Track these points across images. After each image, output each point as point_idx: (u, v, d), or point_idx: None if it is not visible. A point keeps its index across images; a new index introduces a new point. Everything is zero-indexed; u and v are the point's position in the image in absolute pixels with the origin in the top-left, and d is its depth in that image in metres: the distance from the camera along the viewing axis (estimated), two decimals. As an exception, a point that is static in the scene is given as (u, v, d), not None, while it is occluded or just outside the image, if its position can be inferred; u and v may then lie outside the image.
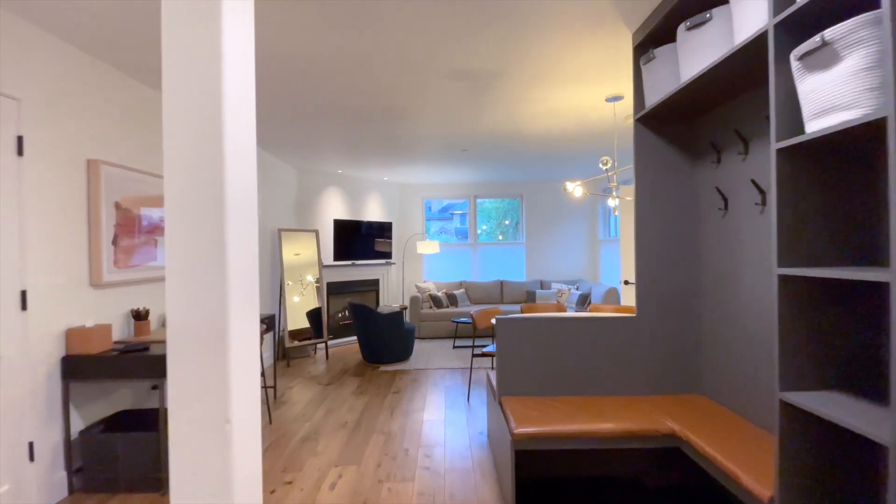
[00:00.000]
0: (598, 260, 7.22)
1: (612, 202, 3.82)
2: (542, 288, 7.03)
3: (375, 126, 4.04)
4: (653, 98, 2.31)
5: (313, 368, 4.89)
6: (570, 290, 6.69)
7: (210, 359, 1.19)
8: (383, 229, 6.88)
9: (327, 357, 5.36)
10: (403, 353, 4.94)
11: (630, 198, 4.36)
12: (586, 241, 7.42)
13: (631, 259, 5.22)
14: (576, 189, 3.63)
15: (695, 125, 2.44)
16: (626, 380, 2.48)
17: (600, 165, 3.03)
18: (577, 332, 2.49)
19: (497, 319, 2.47)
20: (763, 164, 1.97)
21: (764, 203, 1.97)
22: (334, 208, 6.39)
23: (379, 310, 4.92)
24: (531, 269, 7.41)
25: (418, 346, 5.91)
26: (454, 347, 5.71)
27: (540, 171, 6.53)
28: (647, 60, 2.28)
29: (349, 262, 6.42)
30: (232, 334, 1.21)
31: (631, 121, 3.90)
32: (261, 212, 5.01)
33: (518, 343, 2.49)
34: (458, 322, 5.65)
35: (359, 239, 6.50)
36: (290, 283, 5.45)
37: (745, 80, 1.87)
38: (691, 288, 2.45)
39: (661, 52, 2.22)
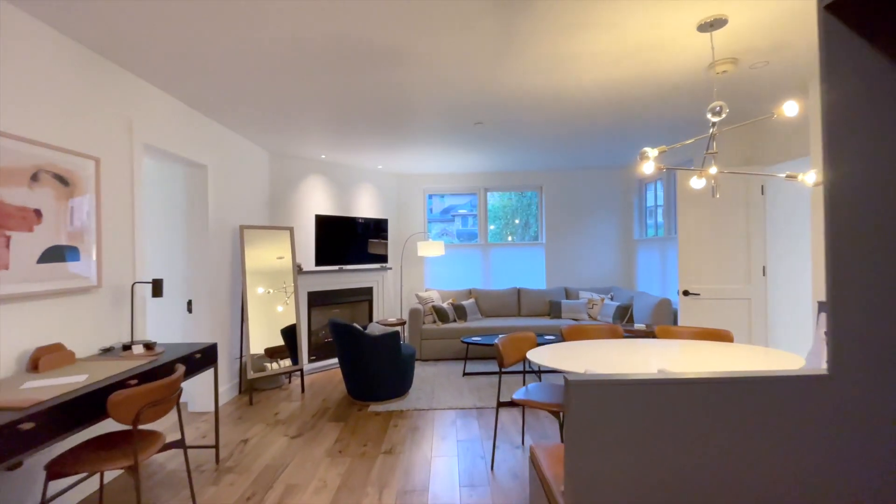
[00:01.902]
0: (634, 264, 6.08)
1: (696, 182, 2.68)
2: (567, 297, 5.89)
3: (365, 82, 2.91)
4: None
5: (283, 408, 3.74)
6: (602, 300, 5.54)
7: None
8: (378, 228, 5.75)
9: (303, 389, 4.22)
10: (400, 387, 3.80)
11: (716, 169, 3.24)
12: (619, 242, 6.28)
13: (694, 262, 4.08)
14: (646, 164, 2.50)
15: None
16: (815, 494, 1.33)
17: (708, 115, 1.91)
18: (714, 401, 1.35)
19: (570, 385, 1.32)
20: None
21: None
22: (317, 202, 5.27)
23: (369, 331, 3.78)
24: (552, 274, 6.27)
25: (419, 371, 4.77)
26: (465, 374, 4.57)
27: (564, 156, 5.40)
28: None
29: (335, 268, 5.29)
30: None
31: (722, 70, 2.76)
32: (220, 205, 3.88)
33: (609, 425, 1.34)
34: (468, 343, 4.51)
35: (348, 239, 5.37)
36: (272, 291, 4.34)
37: None
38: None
39: None
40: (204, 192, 3.65)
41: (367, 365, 3.64)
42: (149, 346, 2.51)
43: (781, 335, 4.16)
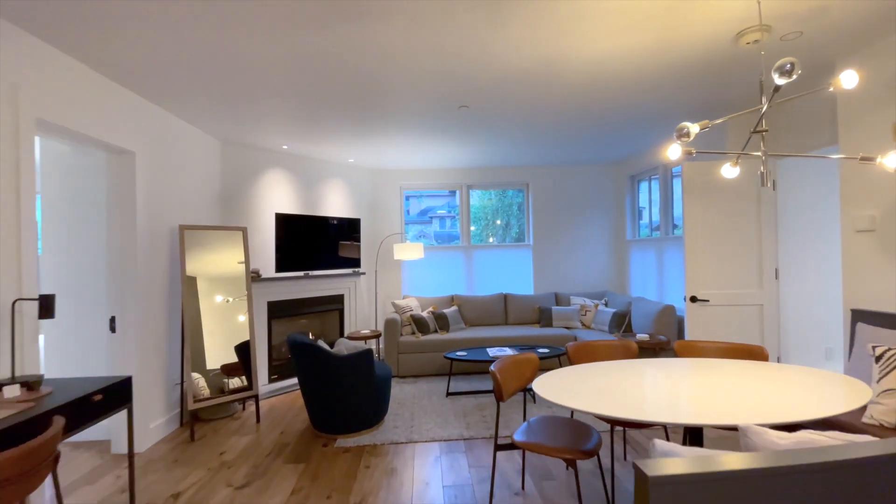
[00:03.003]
0: (627, 266, 5.68)
1: (730, 171, 2.23)
2: (557, 303, 5.43)
3: (334, 48, 2.34)
4: None
5: (231, 445, 3.11)
6: (596, 306, 5.11)
7: None
8: (350, 228, 5.16)
9: (258, 419, 3.58)
10: (374, 415, 3.23)
11: (761, 153, 2.82)
12: (611, 243, 5.88)
13: (702, 265, 3.67)
14: (673, 147, 2.03)
15: None
16: None
17: (774, 76, 1.45)
18: (862, 490, 0.85)
19: (651, 485, 0.80)
20: None
21: None
22: (278, 199, 4.63)
23: (336, 349, 3.20)
24: (541, 278, 5.81)
25: (397, 391, 4.20)
26: (448, 394, 4.03)
27: (553, 151, 4.94)
28: None
29: (300, 274, 4.67)
30: None
31: (753, 39, 2.33)
32: (155, 201, 3.23)
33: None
34: (452, 359, 3.97)
35: (315, 241, 4.76)
36: (231, 299, 3.71)
37: None
38: None
39: None
40: (131, 185, 3.00)
41: (333, 391, 3.06)
42: (30, 386, 1.87)
43: (793, 344, 3.81)
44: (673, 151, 2.14)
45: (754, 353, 2.41)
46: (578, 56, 2.58)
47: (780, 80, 1.52)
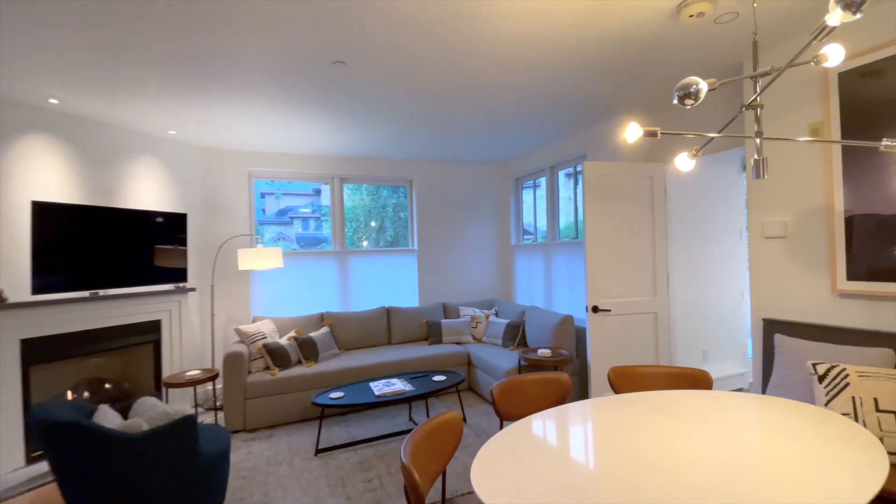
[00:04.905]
0: (512, 273, 5.37)
1: (685, 162, 1.81)
2: (446, 315, 4.81)
3: None
4: None
5: None
6: (487, 316, 4.63)
7: None
8: (172, 228, 3.73)
9: (-23, 553, 2.09)
10: (200, 514, 2.08)
11: (756, 136, 2.52)
12: (496, 248, 5.51)
13: (603, 273, 3.40)
14: (630, 128, 1.51)
15: None
16: None
17: (836, 8, 0.95)
18: None
19: None
20: None
21: None
22: (42, 181, 3.03)
23: (129, 423, 1.97)
24: (426, 287, 5.14)
25: (241, 456, 3.03)
26: (318, 452, 3.02)
27: (439, 142, 4.32)
28: None
29: (85, 294, 3.13)
30: None
31: (697, 12, 1.97)
32: None
33: None
34: (323, 405, 2.98)
35: (110, 245, 3.26)
36: None
37: None
38: None
39: None
40: None
41: (125, 492, 1.84)
42: None
43: (677, 347, 3.82)
44: (631, 132, 1.62)
45: (698, 380, 2.05)
46: (491, 9, 1.92)
47: (836, 19, 1.04)
